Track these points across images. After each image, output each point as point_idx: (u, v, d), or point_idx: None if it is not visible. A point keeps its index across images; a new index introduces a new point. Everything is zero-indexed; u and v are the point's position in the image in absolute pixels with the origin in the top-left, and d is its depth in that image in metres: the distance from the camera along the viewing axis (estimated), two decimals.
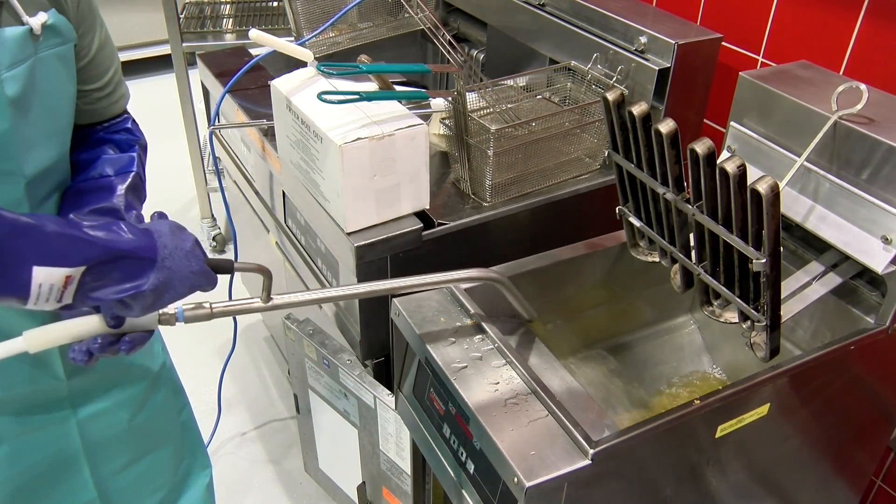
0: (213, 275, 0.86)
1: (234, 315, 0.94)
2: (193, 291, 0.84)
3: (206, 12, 2.82)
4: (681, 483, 1.05)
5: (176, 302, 0.84)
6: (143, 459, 1.23)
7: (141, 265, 0.79)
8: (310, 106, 1.24)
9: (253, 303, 0.94)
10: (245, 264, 0.92)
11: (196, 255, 0.84)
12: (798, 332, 1.25)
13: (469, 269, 1.08)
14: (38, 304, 0.74)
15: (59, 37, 0.89)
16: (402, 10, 1.79)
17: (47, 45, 0.87)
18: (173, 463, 1.31)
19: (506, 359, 1.04)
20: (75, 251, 0.74)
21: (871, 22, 1.26)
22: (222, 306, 0.91)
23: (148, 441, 1.24)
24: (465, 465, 1.01)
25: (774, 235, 0.85)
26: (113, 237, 0.78)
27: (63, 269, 0.73)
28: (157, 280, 0.80)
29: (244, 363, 2.38)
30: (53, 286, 0.73)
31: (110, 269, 0.77)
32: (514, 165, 1.36)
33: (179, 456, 1.32)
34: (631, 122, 1.00)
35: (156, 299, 0.81)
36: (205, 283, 0.85)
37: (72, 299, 0.76)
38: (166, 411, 1.27)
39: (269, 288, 0.94)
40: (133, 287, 0.79)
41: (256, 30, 1.37)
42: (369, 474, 1.57)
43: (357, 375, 1.40)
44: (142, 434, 1.22)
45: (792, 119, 1.16)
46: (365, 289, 1.01)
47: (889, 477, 1.49)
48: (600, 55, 1.47)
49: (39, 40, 0.86)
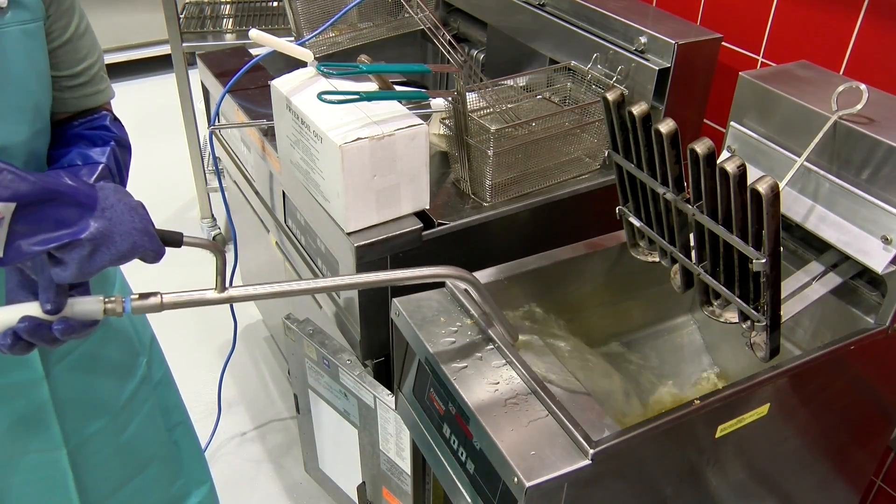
0: (159, 241, 0.81)
1: (189, 307, 0.86)
2: (136, 253, 0.78)
3: (206, 12, 2.82)
4: (681, 483, 1.05)
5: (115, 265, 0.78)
6: (131, 482, 1.20)
7: (78, 212, 0.74)
8: (310, 106, 1.24)
9: (206, 294, 0.86)
10: (195, 239, 0.85)
11: (141, 214, 0.79)
12: (798, 332, 1.25)
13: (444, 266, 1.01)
14: None
15: (27, 12, 0.87)
16: (402, 10, 1.79)
17: (15, 20, 0.86)
18: (165, 483, 1.28)
19: (506, 359, 1.04)
20: (3, 182, 0.69)
21: (871, 22, 1.26)
22: (173, 297, 0.84)
23: (135, 462, 1.21)
24: (465, 465, 1.01)
25: (774, 235, 0.85)
26: (49, 178, 0.73)
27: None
28: (95, 230, 0.74)
29: (244, 363, 2.38)
30: None
31: (44, 215, 0.72)
32: (514, 165, 1.36)
33: (173, 475, 1.29)
34: (631, 122, 1.00)
35: (92, 251, 0.75)
36: (148, 246, 0.79)
37: (1, 251, 0.71)
38: (153, 431, 1.23)
39: (224, 272, 0.86)
40: (68, 234, 0.73)
41: (256, 30, 1.37)
42: (369, 474, 1.57)
43: (357, 375, 1.40)
44: (128, 456, 1.19)
45: (792, 119, 1.16)
46: (327, 283, 0.95)
47: (889, 477, 1.49)
48: (600, 55, 1.47)
49: (5, 13, 0.84)
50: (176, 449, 1.29)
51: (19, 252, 0.72)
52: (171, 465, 1.29)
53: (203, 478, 1.38)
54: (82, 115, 1.02)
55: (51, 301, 0.77)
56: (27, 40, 0.88)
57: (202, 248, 0.86)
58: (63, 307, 0.78)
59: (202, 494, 1.37)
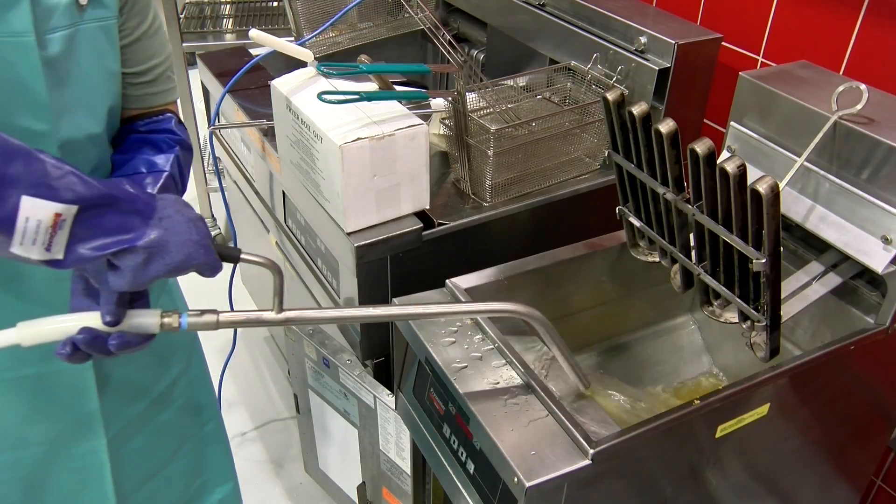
0: (215, 255, 0.81)
1: (242, 327, 0.86)
2: (190, 265, 0.78)
3: (206, 12, 2.82)
4: (681, 483, 1.05)
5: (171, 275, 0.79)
6: (159, 474, 1.22)
7: (136, 220, 0.75)
8: (310, 106, 1.24)
9: (263, 314, 0.86)
10: (253, 256, 0.86)
11: (199, 227, 0.79)
12: (798, 332, 1.25)
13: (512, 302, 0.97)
14: (24, 247, 0.70)
15: (105, 10, 0.89)
16: (402, 10, 1.79)
17: (92, 17, 0.88)
18: (189, 477, 1.29)
19: (506, 359, 1.04)
20: (68, 185, 0.70)
21: (871, 22, 1.26)
22: (229, 316, 0.84)
23: (164, 454, 1.22)
24: (465, 465, 1.01)
25: (774, 235, 0.85)
26: (110, 184, 0.74)
27: (53, 203, 0.69)
28: (151, 238, 0.75)
29: (244, 363, 2.38)
30: (41, 224, 0.69)
31: (103, 220, 0.73)
32: (514, 165, 1.36)
33: (198, 470, 1.30)
34: (631, 122, 1.00)
35: (147, 260, 0.75)
36: (204, 259, 0.79)
37: (62, 254, 0.72)
38: (184, 425, 1.25)
39: (281, 293, 0.86)
40: (124, 241, 0.74)
41: (256, 30, 1.37)
42: (369, 474, 1.57)
43: (357, 375, 1.40)
44: (159, 447, 1.20)
45: (792, 119, 1.16)
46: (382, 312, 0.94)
47: (889, 477, 1.49)
48: (600, 55, 1.47)
49: (85, 11, 0.86)
50: (203, 445, 1.30)
51: (78, 256, 0.73)
52: (198, 460, 1.30)
53: (227, 476, 1.38)
54: (147, 116, 1.03)
55: (111, 312, 0.78)
56: (103, 37, 0.90)
57: (260, 265, 0.85)
58: (122, 319, 0.79)
59: (225, 492, 1.37)
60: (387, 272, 1.30)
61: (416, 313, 0.98)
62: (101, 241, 0.74)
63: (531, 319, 0.98)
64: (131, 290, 0.77)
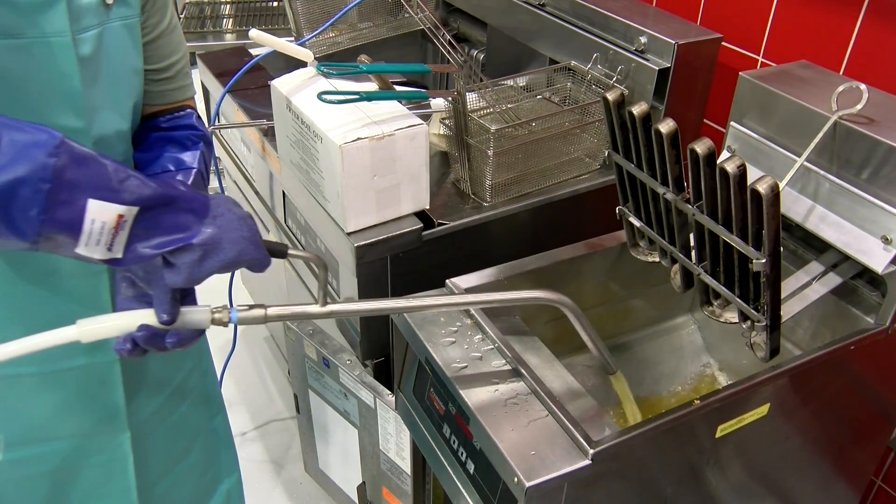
0: (265, 251, 0.84)
1: (288, 320, 0.90)
2: (242, 261, 0.82)
3: (206, 12, 2.82)
4: (681, 483, 1.05)
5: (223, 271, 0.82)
6: (177, 467, 1.24)
7: (191, 217, 0.78)
8: (310, 106, 1.24)
9: (308, 308, 0.89)
10: (299, 251, 0.89)
11: (249, 225, 0.83)
12: (798, 332, 1.25)
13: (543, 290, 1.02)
14: (89, 247, 0.73)
15: (129, 8, 0.92)
16: (402, 10, 1.79)
17: (118, 16, 0.90)
18: (202, 469, 1.31)
19: (506, 359, 1.04)
20: (131, 187, 0.74)
21: (871, 22, 1.26)
22: (277, 310, 0.87)
23: (182, 447, 1.24)
24: (465, 465, 1.01)
25: (774, 235, 0.85)
26: (167, 184, 0.78)
27: (116, 205, 0.73)
28: (206, 235, 0.78)
29: (244, 363, 2.38)
30: (105, 225, 0.72)
31: (161, 219, 0.76)
32: (514, 165, 1.36)
33: (209, 462, 1.32)
34: (631, 122, 1.00)
35: (202, 258, 0.78)
36: (255, 255, 0.82)
37: (121, 253, 0.75)
38: (198, 417, 1.27)
39: (326, 287, 0.89)
40: (181, 239, 0.77)
41: (256, 30, 1.37)
42: (369, 474, 1.57)
43: (357, 375, 1.40)
44: (177, 439, 1.22)
45: (792, 119, 1.16)
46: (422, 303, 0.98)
47: (889, 477, 1.49)
48: (600, 55, 1.47)
49: (111, 10, 0.89)
50: (213, 437, 1.32)
51: (136, 254, 0.76)
52: (209, 452, 1.32)
53: (233, 468, 1.40)
54: (168, 112, 1.06)
55: (167, 311, 0.81)
56: (127, 35, 0.92)
57: (306, 261, 0.88)
58: (177, 317, 0.82)
59: (231, 483, 1.39)
60: (387, 272, 1.30)
61: (454, 303, 1.01)
62: (159, 239, 0.77)
63: (562, 306, 1.02)
64: (186, 286, 0.80)
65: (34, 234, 0.70)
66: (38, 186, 0.69)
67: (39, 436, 1.04)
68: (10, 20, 0.79)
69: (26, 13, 0.80)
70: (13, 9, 0.79)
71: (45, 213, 0.70)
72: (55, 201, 0.70)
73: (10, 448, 1.03)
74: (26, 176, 0.68)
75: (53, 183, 0.69)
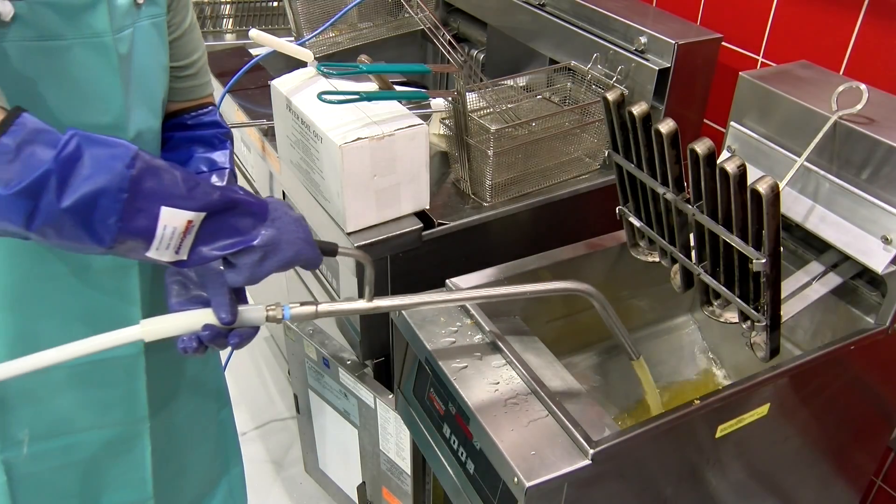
0: (318, 250, 0.87)
1: (339, 315, 0.94)
2: (298, 260, 0.85)
3: (206, 12, 2.81)
4: (681, 483, 1.05)
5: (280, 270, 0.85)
6: (188, 456, 1.26)
7: (252, 221, 0.82)
8: (310, 106, 1.24)
9: (356, 303, 0.94)
10: (348, 249, 0.93)
11: (303, 226, 0.86)
12: (798, 332, 1.25)
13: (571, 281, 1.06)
14: (159, 251, 0.77)
15: (157, 7, 0.95)
16: (402, 10, 1.79)
17: (147, 15, 0.93)
18: (210, 460, 1.33)
19: (506, 359, 1.04)
20: (199, 194, 0.77)
21: (871, 22, 1.26)
22: (327, 306, 0.91)
23: (194, 437, 1.26)
24: (465, 465, 1.01)
25: (774, 235, 0.85)
26: (229, 190, 0.81)
27: (186, 212, 0.76)
28: (266, 237, 0.82)
29: (244, 363, 2.38)
30: (175, 230, 0.76)
31: (223, 223, 0.80)
32: (514, 165, 1.36)
33: (216, 453, 1.34)
34: (631, 122, 1.00)
35: (262, 258, 0.82)
36: (310, 254, 0.86)
37: (187, 255, 0.79)
38: (209, 408, 1.30)
39: (372, 283, 0.93)
40: (243, 241, 0.81)
41: (256, 30, 1.37)
42: (369, 474, 1.57)
43: (357, 375, 1.40)
44: (190, 429, 1.24)
45: (792, 119, 1.16)
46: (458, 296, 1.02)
47: (889, 477, 1.49)
48: (600, 55, 1.47)
49: (141, 9, 0.91)
50: (221, 429, 1.35)
51: (200, 256, 0.80)
52: (216, 443, 1.34)
53: (237, 460, 1.42)
54: (193, 108, 1.09)
55: (228, 311, 0.84)
56: (155, 33, 0.95)
57: (354, 258, 0.92)
58: (237, 317, 0.86)
59: (235, 475, 1.41)
60: (387, 272, 1.30)
61: (492, 294, 1.03)
62: (222, 241, 0.80)
63: (589, 296, 1.07)
64: (246, 285, 0.84)
65: (111, 241, 0.74)
66: (117, 196, 0.72)
67: (64, 428, 1.07)
68: (53, 22, 0.82)
69: (69, 15, 0.83)
70: (57, 11, 0.82)
71: (122, 221, 0.73)
72: (132, 209, 0.73)
73: (34, 441, 1.05)
74: (106, 187, 0.72)
75: (131, 192, 0.73)
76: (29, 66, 0.83)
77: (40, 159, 0.71)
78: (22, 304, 0.97)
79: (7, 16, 0.79)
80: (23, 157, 0.70)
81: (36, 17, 0.81)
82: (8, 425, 1.03)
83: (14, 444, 1.04)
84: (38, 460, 1.07)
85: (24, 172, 0.70)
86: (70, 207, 0.71)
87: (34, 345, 0.93)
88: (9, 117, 0.72)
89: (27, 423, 1.04)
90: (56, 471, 1.09)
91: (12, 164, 0.70)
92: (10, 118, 0.71)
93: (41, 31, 0.82)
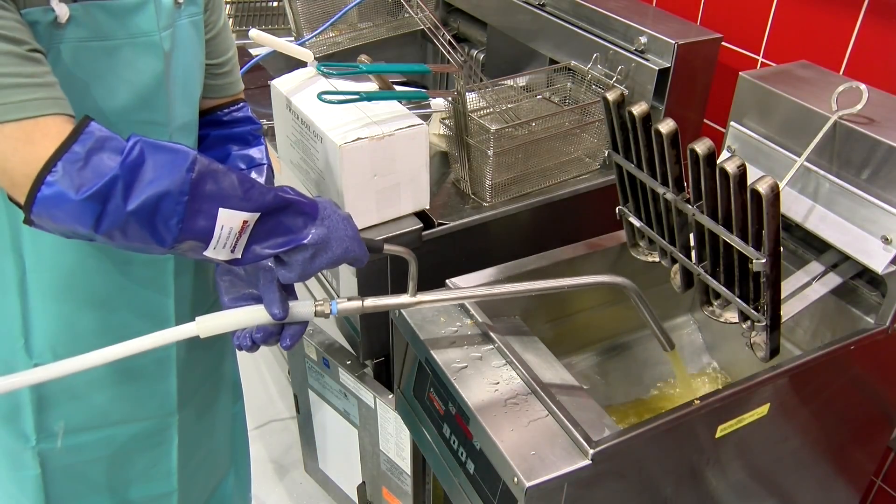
0: (365, 247, 0.91)
1: (384, 310, 0.98)
2: (347, 257, 0.88)
3: None
4: (681, 483, 1.05)
5: (330, 267, 0.88)
6: (205, 447, 1.28)
7: (303, 220, 0.85)
8: (310, 106, 1.24)
9: (401, 298, 0.98)
10: (393, 246, 0.96)
11: (351, 224, 0.90)
12: (798, 332, 1.25)
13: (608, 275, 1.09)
14: (216, 250, 0.80)
15: (195, 7, 0.98)
16: (402, 10, 1.79)
17: (187, 14, 0.96)
18: (224, 453, 1.35)
19: (506, 359, 1.04)
20: (254, 195, 0.80)
21: (871, 22, 1.26)
22: (372, 301, 0.94)
23: (212, 430, 1.28)
24: (465, 465, 1.01)
25: (774, 235, 0.85)
26: (281, 190, 0.84)
27: (242, 213, 0.79)
28: (317, 235, 0.85)
29: (244, 363, 2.36)
30: (232, 230, 0.79)
31: (277, 222, 0.83)
32: (514, 165, 1.36)
33: (228, 445, 1.36)
34: (631, 122, 1.00)
35: (313, 256, 0.85)
36: (358, 252, 0.89)
37: (241, 253, 0.82)
38: (228, 402, 1.32)
39: (416, 278, 0.96)
40: (295, 239, 0.84)
41: (256, 30, 1.37)
42: (369, 474, 1.57)
43: (357, 375, 1.40)
44: (210, 422, 1.26)
45: (792, 119, 1.16)
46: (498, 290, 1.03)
47: (889, 477, 1.49)
48: (600, 55, 1.47)
49: (181, 8, 0.95)
50: (234, 422, 1.37)
51: (254, 254, 0.83)
52: (229, 436, 1.36)
53: (245, 453, 1.44)
54: (227, 105, 1.11)
55: (279, 308, 0.88)
56: (194, 32, 0.98)
57: (399, 254, 0.96)
58: (288, 313, 0.89)
59: (243, 467, 1.43)
60: (387, 272, 1.30)
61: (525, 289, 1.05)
62: (275, 240, 0.84)
63: (625, 289, 1.09)
64: (298, 281, 0.88)
65: (173, 241, 0.77)
66: (178, 199, 0.76)
67: (99, 422, 1.09)
68: (104, 23, 0.85)
69: (120, 16, 0.86)
70: (108, 12, 0.85)
71: (183, 223, 0.77)
72: (192, 211, 0.77)
73: (69, 434, 1.08)
74: (169, 190, 0.75)
75: (191, 195, 0.76)
76: (80, 66, 0.85)
77: (108, 166, 0.74)
78: (68, 296, 0.99)
79: (63, 17, 0.81)
80: (92, 164, 0.74)
81: (89, 19, 0.84)
82: (45, 419, 1.06)
83: (49, 436, 1.07)
84: (72, 453, 1.09)
85: (93, 178, 0.73)
86: (135, 210, 0.75)
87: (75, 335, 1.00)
88: (79, 126, 0.75)
89: (64, 417, 1.07)
90: (88, 463, 1.11)
91: (83, 170, 0.74)
92: (80, 127, 0.75)
93: (94, 32, 0.84)
